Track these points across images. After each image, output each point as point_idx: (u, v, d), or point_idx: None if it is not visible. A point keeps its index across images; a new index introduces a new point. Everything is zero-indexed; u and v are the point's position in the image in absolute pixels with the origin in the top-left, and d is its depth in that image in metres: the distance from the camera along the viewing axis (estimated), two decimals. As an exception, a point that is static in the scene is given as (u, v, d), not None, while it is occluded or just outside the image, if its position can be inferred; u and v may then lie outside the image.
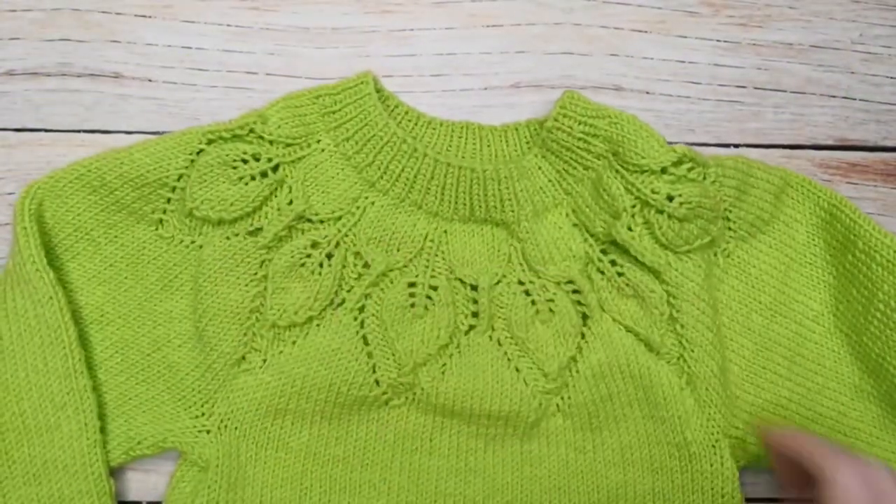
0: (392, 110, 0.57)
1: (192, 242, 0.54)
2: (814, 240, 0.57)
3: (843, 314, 0.56)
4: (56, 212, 0.53)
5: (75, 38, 0.57)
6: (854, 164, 0.59)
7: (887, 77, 0.59)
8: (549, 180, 0.55)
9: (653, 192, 0.52)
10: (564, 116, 0.54)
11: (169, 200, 0.54)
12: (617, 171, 0.53)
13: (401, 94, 0.57)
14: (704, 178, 0.53)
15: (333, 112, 0.55)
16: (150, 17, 0.57)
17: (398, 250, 0.55)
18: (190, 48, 0.57)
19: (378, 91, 0.56)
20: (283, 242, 0.54)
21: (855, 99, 0.59)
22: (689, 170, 0.53)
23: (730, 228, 0.55)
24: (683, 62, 0.59)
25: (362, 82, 0.55)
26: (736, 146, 0.59)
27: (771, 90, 0.59)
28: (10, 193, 0.56)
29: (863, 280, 0.54)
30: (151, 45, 0.57)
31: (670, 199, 0.52)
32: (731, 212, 0.55)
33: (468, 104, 0.58)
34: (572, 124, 0.54)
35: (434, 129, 0.57)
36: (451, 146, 0.57)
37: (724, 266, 0.56)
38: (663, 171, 0.52)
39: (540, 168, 0.55)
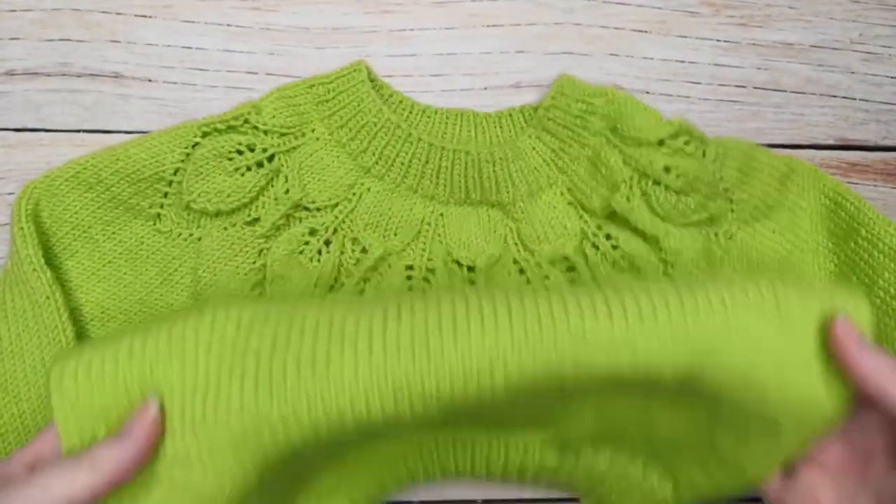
0: (386, 99, 0.57)
1: (191, 235, 0.54)
2: (817, 228, 0.57)
3: None
4: (53, 210, 0.53)
5: (75, 38, 0.57)
6: (854, 163, 0.59)
7: (887, 77, 0.59)
8: (544, 160, 0.55)
9: (650, 163, 0.53)
10: (562, 95, 0.55)
11: (166, 195, 0.54)
12: (615, 146, 0.54)
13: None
14: (704, 155, 0.54)
15: (327, 101, 0.55)
16: (150, 17, 0.57)
17: (395, 235, 0.55)
18: (190, 48, 0.57)
19: (372, 80, 0.56)
20: (281, 231, 0.54)
21: (855, 99, 0.59)
22: (686, 143, 0.54)
23: (732, 210, 0.56)
24: (683, 62, 0.59)
25: (355, 70, 0.55)
26: (736, 146, 0.59)
27: (771, 90, 0.59)
28: (10, 193, 0.56)
29: (864, 268, 0.54)
30: (151, 45, 0.57)
31: (667, 170, 0.53)
32: (734, 193, 0.55)
33: (468, 104, 0.58)
34: (570, 102, 0.55)
35: (429, 116, 0.57)
36: (445, 132, 0.57)
37: (725, 247, 0.56)
38: (660, 143, 0.54)
39: (534, 149, 0.55)
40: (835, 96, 0.59)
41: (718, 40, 0.59)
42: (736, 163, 0.55)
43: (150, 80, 0.57)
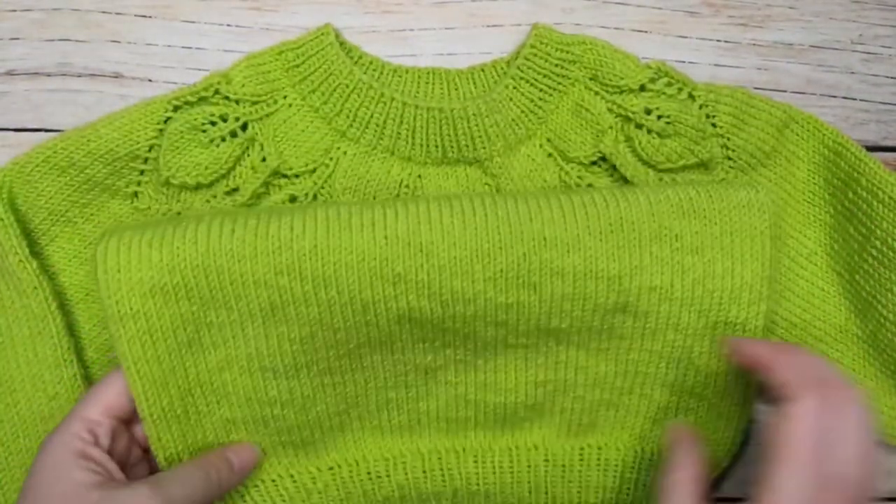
0: (356, 60, 0.57)
1: (170, 210, 0.54)
2: (814, 178, 0.57)
3: (837, 253, 0.56)
4: (27, 197, 0.53)
5: (75, 38, 0.57)
6: (855, 163, 0.59)
7: (887, 77, 0.59)
8: (522, 111, 0.55)
9: (632, 107, 0.54)
10: (541, 44, 0.55)
11: (142, 172, 0.54)
12: (597, 93, 0.55)
13: (400, 94, 0.57)
14: (691, 98, 0.55)
15: (297, 66, 0.55)
16: (150, 17, 0.57)
17: (374, 198, 0.55)
18: (190, 48, 0.57)
19: (341, 43, 0.56)
20: (262, 199, 0.54)
21: (855, 99, 0.59)
22: (667, 85, 0.54)
23: (729, 158, 0.56)
24: (684, 62, 0.59)
25: (323, 34, 0.55)
26: (736, 146, 0.59)
27: (771, 90, 0.59)
28: (10, 193, 0.56)
29: (862, 218, 0.54)
30: (151, 45, 0.57)
31: (647, 112, 0.54)
32: (729, 139, 0.55)
33: (468, 104, 0.58)
34: (550, 50, 0.55)
35: (400, 76, 0.57)
36: (418, 91, 0.57)
37: None
38: (642, 88, 0.54)
39: (512, 100, 0.55)
40: (835, 96, 0.59)
41: (718, 40, 0.59)
42: (729, 109, 0.55)
43: (150, 80, 0.57)
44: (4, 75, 0.57)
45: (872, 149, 0.59)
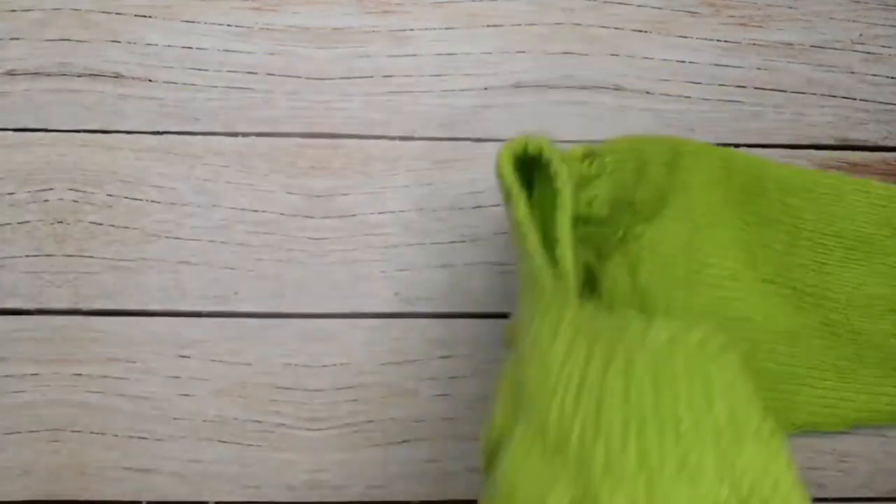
0: None
1: None
2: (710, 199, 0.55)
3: (762, 262, 0.55)
4: None
5: (75, 38, 0.57)
6: (854, 163, 0.59)
7: (887, 77, 0.59)
8: None
9: (577, 205, 0.51)
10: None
11: None
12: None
13: (401, 94, 0.57)
14: (608, 170, 0.52)
15: None
16: (150, 17, 0.57)
17: None
18: (190, 48, 0.57)
19: None
20: None
21: (855, 99, 0.59)
22: (589, 165, 0.52)
23: (636, 212, 0.54)
24: (684, 62, 0.59)
25: None
26: (736, 146, 0.59)
27: (771, 90, 0.59)
28: (11, 193, 0.56)
29: (780, 217, 0.54)
30: (151, 45, 0.57)
31: (590, 204, 0.52)
32: (633, 196, 0.54)
33: (468, 104, 0.58)
34: None
35: None
36: None
37: (637, 252, 0.54)
38: (580, 182, 0.51)
39: None
40: (835, 96, 0.59)
41: (718, 40, 0.59)
42: (630, 164, 0.53)
43: (150, 80, 0.57)
44: (4, 75, 0.57)
45: (872, 149, 0.59)
